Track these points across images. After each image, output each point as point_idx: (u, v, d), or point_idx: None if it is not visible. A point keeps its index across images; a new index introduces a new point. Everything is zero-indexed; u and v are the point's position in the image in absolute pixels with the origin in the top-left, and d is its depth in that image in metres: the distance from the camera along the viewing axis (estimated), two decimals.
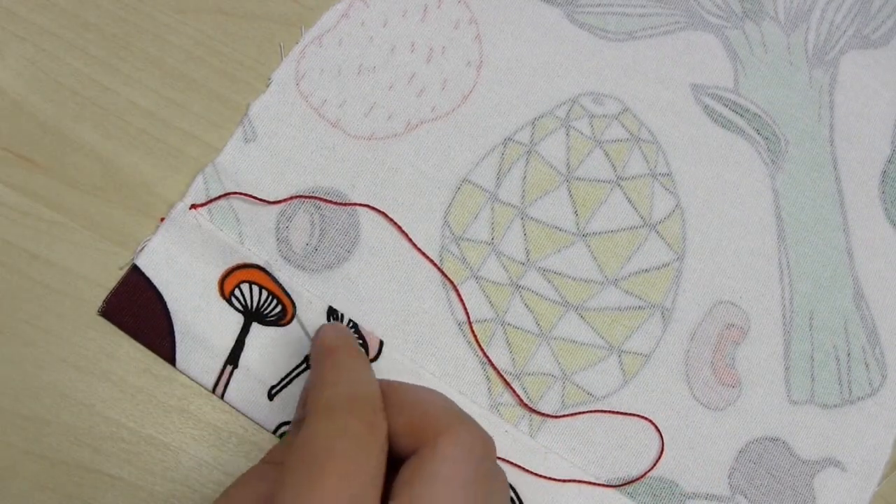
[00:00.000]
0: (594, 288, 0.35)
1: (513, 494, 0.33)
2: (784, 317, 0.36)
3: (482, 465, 0.23)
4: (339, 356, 0.25)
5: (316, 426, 0.22)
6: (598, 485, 0.33)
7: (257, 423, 0.33)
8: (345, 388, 0.23)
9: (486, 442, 0.23)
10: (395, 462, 0.23)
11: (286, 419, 0.33)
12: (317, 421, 0.22)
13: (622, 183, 0.37)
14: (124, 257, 0.34)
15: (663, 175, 0.37)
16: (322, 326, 0.28)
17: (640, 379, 0.35)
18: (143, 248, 0.34)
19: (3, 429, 0.32)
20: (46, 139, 0.35)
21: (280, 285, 0.34)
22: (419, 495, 0.21)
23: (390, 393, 0.24)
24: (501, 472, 0.25)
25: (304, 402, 0.26)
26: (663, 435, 0.34)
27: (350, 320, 0.34)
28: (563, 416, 0.34)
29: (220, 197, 0.34)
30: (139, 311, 0.33)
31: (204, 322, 0.33)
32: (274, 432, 0.32)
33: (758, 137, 0.39)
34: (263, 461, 0.25)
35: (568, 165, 0.37)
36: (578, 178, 0.37)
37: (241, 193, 0.35)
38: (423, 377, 0.33)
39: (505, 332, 0.35)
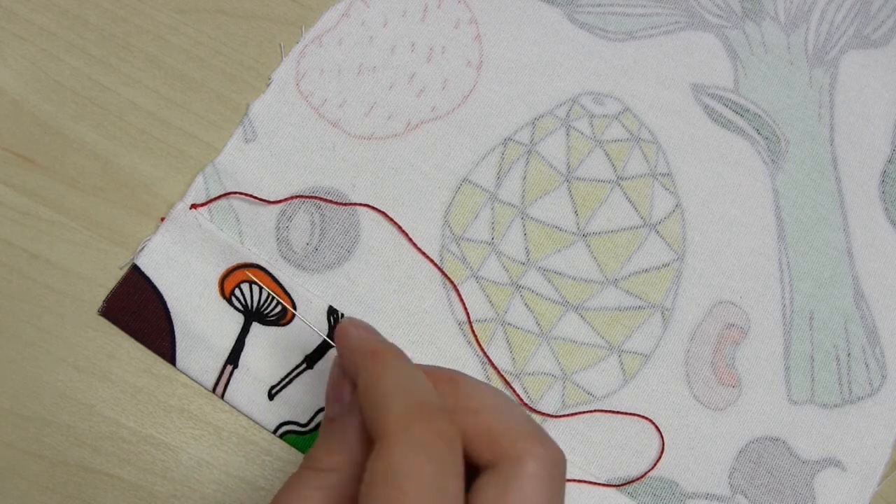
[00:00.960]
0: (594, 288, 0.35)
1: None
2: (784, 317, 0.36)
3: (562, 482, 0.22)
4: (387, 359, 0.24)
5: (393, 446, 0.21)
6: (598, 484, 0.33)
7: (257, 423, 0.33)
8: (411, 398, 0.22)
9: (563, 457, 0.23)
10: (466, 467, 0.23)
11: (286, 419, 0.33)
12: (393, 440, 0.21)
13: (622, 183, 0.37)
14: (124, 257, 0.34)
15: (663, 175, 0.37)
16: (344, 324, 0.26)
17: (640, 379, 0.35)
18: (143, 248, 0.34)
19: (3, 429, 0.32)
20: (46, 139, 0.35)
21: (280, 285, 0.34)
22: None
23: (465, 393, 0.23)
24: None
25: (334, 401, 0.25)
26: (663, 435, 0.34)
27: None
28: (564, 416, 0.34)
29: (220, 197, 0.34)
30: (139, 310, 0.33)
31: (204, 322, 0.33)
32: (274, 432, 0.32)
33: (758, 137, 0.39)
34: (306, 467, 0.24)
35: (568, 165, 0.37)
36: (578, 178, 0.37)
37: (241, 193, 0.35)
38: None
39: (505, 332, 0.35)
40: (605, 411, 0.34)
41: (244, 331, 0.33)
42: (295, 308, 0.34)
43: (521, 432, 0.22)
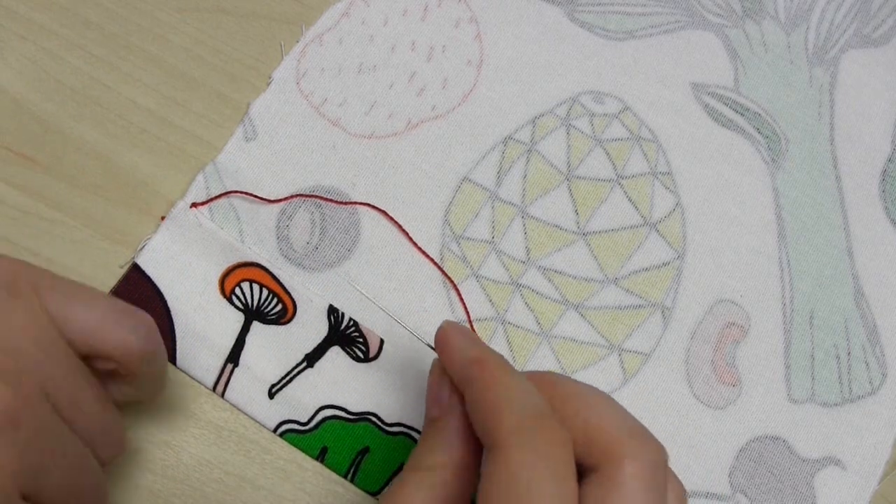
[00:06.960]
0: (594, 287, 0.35)
1: None
2: (784, 315, 0.36)
3: (663, 475, 0.23)
4: (494, 369, 0.24)
5: (511, 455, 0.21)
6: None
7: (258, 422, 0.33)
8: (523, 407, 0.22)
9: (663, 451, 0.23)
10: None
11: (287, 417, 0.33)
12: (510, 449, 0.21)
13: (622, 182, 0.37)
14: (125, 256, 0.34)
15: (664, 174, 0.38)
16: (444, 329, 0.26)
17: (641, 378, 0.35)
18: (143, 247, 0.34)
19: None
20: (47, 138, 0.35)
21: (281, 284, 0.34)
22: None
23: (564, 395, 0.24)
24: (671, 472, 0.24)
25: (435, 403, 0.26)
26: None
27: (350, 319, 0.34)
28: None
29: (220, 195, 0.34)
30: None
31: (204, 320, 0.33)
32: (274, 431, 0.33)
33: (758, 136, 0.39)
34: (409, 468, 0.24)
35: (568, 164, 0.37)
36: (579, 177, 0.37)
37: (241, 192, 0.35)
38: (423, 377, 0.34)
39: (505, 331, 0.35)
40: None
41: (245, 329, 0.33)
42: (295, 307, 0.34)
43: (621, 433, 0.22)
